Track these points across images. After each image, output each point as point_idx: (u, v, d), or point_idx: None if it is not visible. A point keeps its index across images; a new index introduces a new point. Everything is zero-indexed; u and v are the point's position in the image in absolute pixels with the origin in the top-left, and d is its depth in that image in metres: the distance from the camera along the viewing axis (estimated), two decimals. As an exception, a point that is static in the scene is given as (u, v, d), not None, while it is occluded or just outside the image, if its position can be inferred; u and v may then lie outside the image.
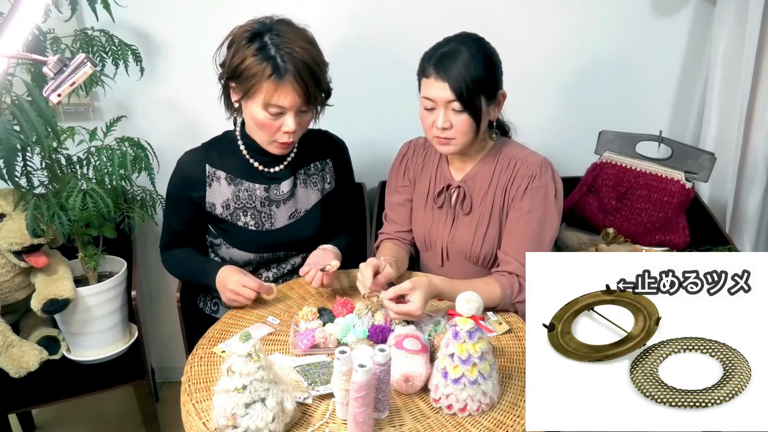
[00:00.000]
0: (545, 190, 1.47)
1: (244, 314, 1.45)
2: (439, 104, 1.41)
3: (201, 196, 1.58)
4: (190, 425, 1.12)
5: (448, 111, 1.41)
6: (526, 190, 1.47)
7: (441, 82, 1.39)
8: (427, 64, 1.42)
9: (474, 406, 1.12)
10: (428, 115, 1.44)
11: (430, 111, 1.43)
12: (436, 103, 1.41)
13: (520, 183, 1.49)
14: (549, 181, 1.48)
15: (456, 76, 1.37)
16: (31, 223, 1.49)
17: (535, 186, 1.47)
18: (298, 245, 1.64)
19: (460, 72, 1.37)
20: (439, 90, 1.39)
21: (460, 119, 1.41)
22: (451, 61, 1.38)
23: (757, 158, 1.96)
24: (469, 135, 1.43)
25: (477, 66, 1.38)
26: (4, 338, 1.65)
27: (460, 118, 1.41)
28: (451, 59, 1.39)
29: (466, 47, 1.40)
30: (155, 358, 2.30)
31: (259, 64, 1.37)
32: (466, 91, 1.37)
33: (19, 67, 1.51)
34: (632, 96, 2.02)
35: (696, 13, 1.92)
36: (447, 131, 1.43)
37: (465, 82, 1.37)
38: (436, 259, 1.61)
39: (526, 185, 1.47)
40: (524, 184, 1.48)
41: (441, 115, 1.41)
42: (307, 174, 1.64)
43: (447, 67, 1.38)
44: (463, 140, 1.44)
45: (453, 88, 1.37)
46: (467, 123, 1.41)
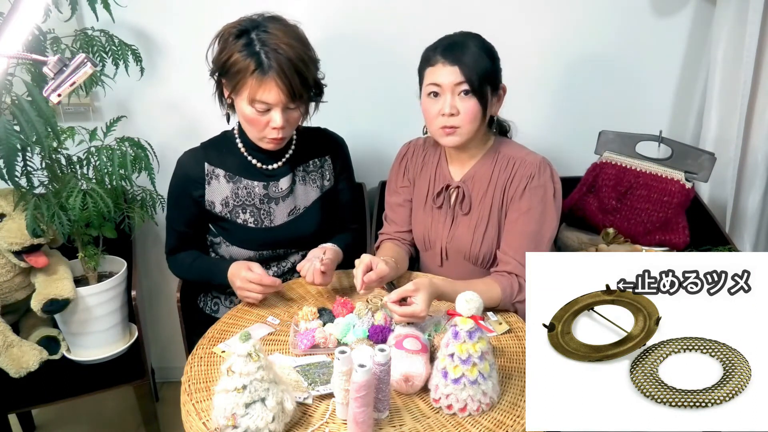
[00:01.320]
0: (544, 190, 1.48)
1: (244, 314, 1.45)
2: (446, 89, 1.42)
3: (201, 194, 1.59)
4: (190, 425, 1.12)
5: (455, 97, 1.42)
6: (525, 190, 1.48)
7: (449, 66, 1.41)
8: (433, 53, 1.45)
9: (474, 406, 1.12)
10: (433, 104, 1.45)
11: (435, 99, 1.44)
12: (442, 89, 1.43)
13: (518, 183, 1.49)
14: (548, 181, 1.48)
15: (466, 61, 1.40)
16: (31, 223, 1.49)
17: (534, 186, 1.47)
18: (298, 243, 1.64)
19: (470, 58, 1.41)
20: (447, 74, 1.41)
21: (467, 105, 1.42)
22: (461, 48, 1.42)
23: (757, 158, 1.96)
24: (475, 123, 1.44)
25: (484, 56, 1.42)
26: (4, 338, 1.65)
27: (468, 104, 1.42)
28: (460, 47, 1.42)
29: (470, 40, 1.44)
30: (155, 358, 2.30)
31: (244, 60, 1.40)
32: (476, 75, 1.40)
33: (19, 67, 1.51)
34: (632, 96, 2.02)
35: (696, 13, 1.92)
36: (453, 118, 1.43)
37: (475, 67, 1.40)
38: (436, 259, 1.61)
39: (525, 185, 1.48)
40: (523, 183, 1.48)
41: (448, 101, 1.42)
42: (306, 171, 1.64)
43: (456, 53, 1.41)
44: (469, 128, 1.44)
45: (463, 71, 1.40)
46: (474, 109, 1.42)
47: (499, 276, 1.45)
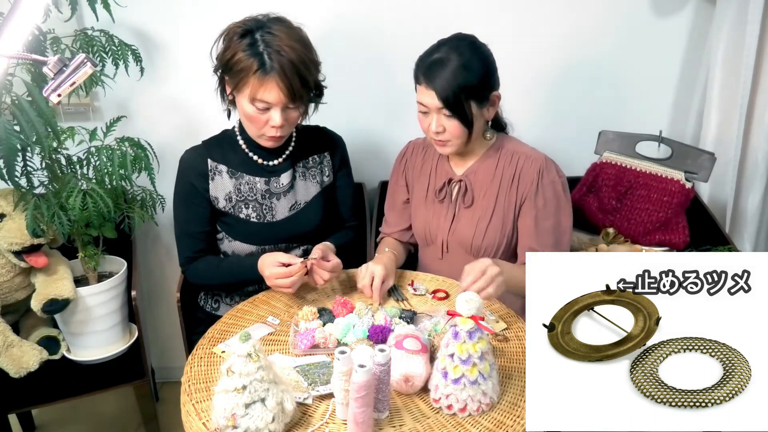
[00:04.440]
0: (554, 185, 1.52)
1: (244, 314, 1.45)
2: (432, 110, 1.46)
3: (205, 188, 1.60)
4: (190, 425, 1.12)
5: (440, 116, 1.46)
6: (538, 188, 1.51)
7: (429, 90, 1.43)
8: (419, 71, 1.47)
9: (474, 406, 1.12)
10: (424, 119, 1.50)
11: (426, 115, 1.49)
12: (428, 109, 1.46)
13: (529, 181, 1.52)
14: (555, 176, 1.53)
15: (443, 84, 1.41)
16: (31, 223, 1.49)
17: (545, 182, 1.51)
18: (299, 237, 1.65)
19: (447, 80, 1.40)
20: (428, 97, 1.44)
21: (451, 124, 1.45)
22: (439, 69, 1.42)
23: (757, 158, 1.96)
24: (463, 137, 1.48)
25: (465, 73, 1.41)
26: (4, 338, 1.65)
27: (452, 123, 1.45)
28: (438, 67, 1.42)
29: (457, 54, 1.42)
30: (155, 358, 2.30)
31: (248, 59, 1.42)
32: (453, 98, 1.41)
33: (19, 67, 1.51)
34: (632, 96, 2.02)
35: (696, 14, 1.92)
36: (441, 134, 1.48)
37: (452, 90, 1.40)
38: (436, 252, 1.63)
39: (537, 183, 1.51)
40: (534, 181, 1.51)
41: (434, 120, 1.46)
42: (305, 167, 1.66)
43: (434, 76, 1.42)
44: (458, 142, 1.49)
45: (440, 96, 1.41)
46: (458, 127, 1.45)
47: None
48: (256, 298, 1.52)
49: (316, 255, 1.48)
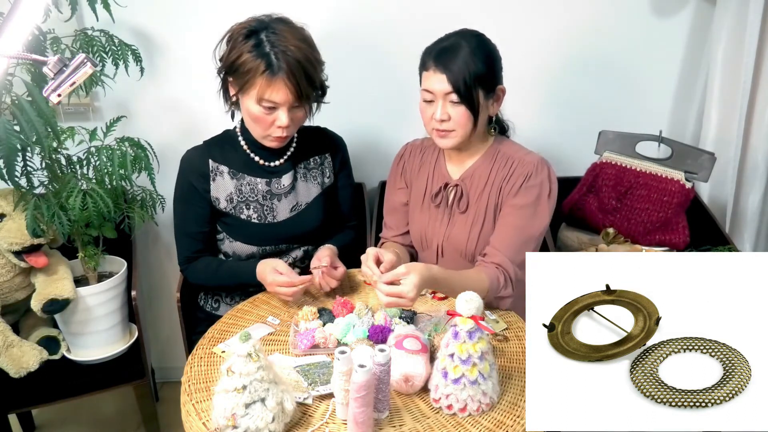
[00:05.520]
0: (539, 189, 1.48)
1: (244, 314, 1.45)
2: (438, 96, 1.43)
3: (206, 189, 1.60)
4: (190, 425, 1.12)
5: (446, 103, 1.43)
6: (521, 188, 1.49)
7: (439, 74, 1.41)
8: (428, 57, 1.45)
9: (474, 406, 1.12)
10: (427, 108, 1.47)
11: (429, 103, 1.46)
12: (434, 95, 1.44)
13: (515, 181, 1.50)
14: (544, 180, 1.49)
15: (454, 69, 1.40)
16: (31, 223, 1.49)
17: (530, 185, 1.48)
18: (300, 238, 1.65)
19: (459, 65, 1.40)
20: (437, 82, 1.42)
21: (457, 111, 1.43)
22: (451, 54, 1.41)
23: (757, 158, 1.96)
24: (467, 127, 1.45)
25: (476, 60, 1.41)
26: (4, 338, 1.65)
27: (458, 111, 1.43)
28: (450, 53, 1.42)
29: (466, 42, 1.43)
30: (155, 358, 2.30)
31: (254, 60, 1.42)
32: (464, 84, 1.40)
33: (19, 67, 1.51)
34: (632, 96, 2.02)
35: (696, 14, 1.92)
36: (445, 123, 1.45)
37: (463, 75, 1.40)
38: (432, 256, 1.62)
39: (521, 183, 1.49)
40: (519, 182, 1.49)
41: (439, 107, 1.44)
42: (306, 168, 1.66)
43: (446, 60, 1.41)
44: (462, 132, 1.46)
45: (450, 80, 1.40)
46: (464, 115, 1.43)
47: (485, 266, 1.45)
48: (256, 298, 1.52)
49: (325, 263, 1.48)
